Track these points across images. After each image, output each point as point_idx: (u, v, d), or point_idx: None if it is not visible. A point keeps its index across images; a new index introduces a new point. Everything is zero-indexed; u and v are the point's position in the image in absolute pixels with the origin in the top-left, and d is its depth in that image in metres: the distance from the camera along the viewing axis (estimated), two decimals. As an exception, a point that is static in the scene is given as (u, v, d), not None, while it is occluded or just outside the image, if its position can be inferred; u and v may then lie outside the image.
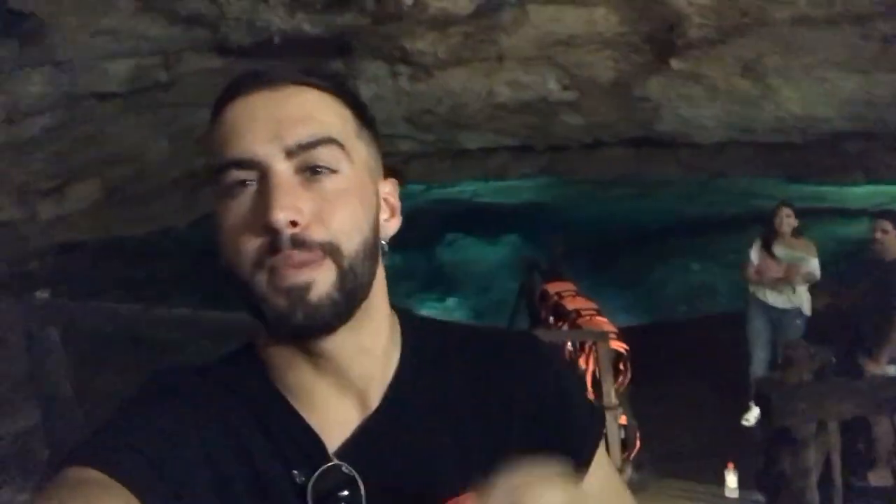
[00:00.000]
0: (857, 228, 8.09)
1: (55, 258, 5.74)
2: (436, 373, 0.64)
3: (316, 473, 0.55)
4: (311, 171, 0.55)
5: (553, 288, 5.57)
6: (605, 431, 0.76)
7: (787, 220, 3.98)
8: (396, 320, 0.66)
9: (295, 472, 0.55)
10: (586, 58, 5.13)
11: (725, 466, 4.05)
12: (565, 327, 4.98)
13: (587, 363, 4.49)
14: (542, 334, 5.94)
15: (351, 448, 0.57)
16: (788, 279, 3.92)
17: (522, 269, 6.62)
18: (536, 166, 7.57)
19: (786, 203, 4.27)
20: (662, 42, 5.01)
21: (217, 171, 0.56)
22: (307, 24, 4.47)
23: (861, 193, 7.30)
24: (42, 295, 2.85)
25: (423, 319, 0.69)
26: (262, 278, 0.54)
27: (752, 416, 4.69)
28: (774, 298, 3.92)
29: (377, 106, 6.92)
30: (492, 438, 0.61)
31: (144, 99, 4.59)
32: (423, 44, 5.35)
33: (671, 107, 5.81)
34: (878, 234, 3.59)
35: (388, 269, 0.67)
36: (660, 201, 8.50)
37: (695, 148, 6.71)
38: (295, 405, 0.58)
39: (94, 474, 0.48)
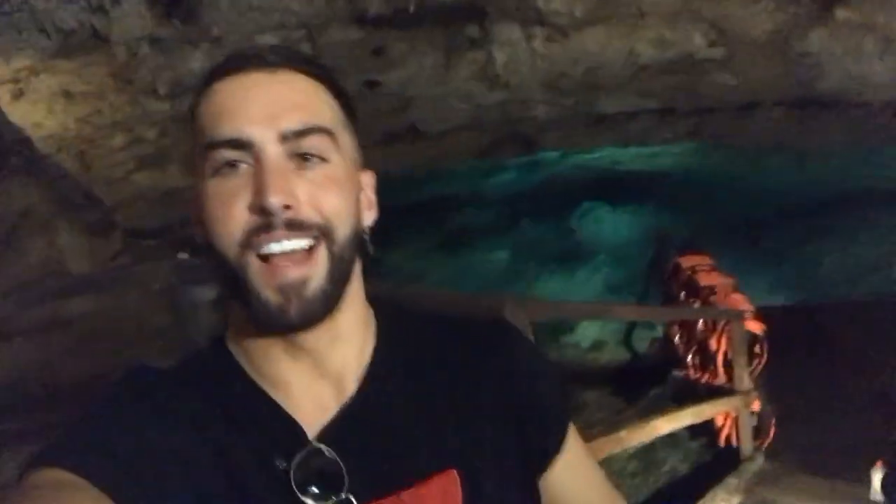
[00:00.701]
0: None
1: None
2: (409, 358, 0.65)
3: (297, 458, 0.55)
4: (301, 158, 0.55)
5: (687, 262, 5.29)
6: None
7: None
8: (370, 307, 0.67)
9: (277, 460, 0.55)
10: (737, 10, 4.75)
11: (872, 465, 3.67)
12: (697, 304, 4.73)
13: (718, 343, 4.25)
14: (670, 311, 5.69)
15: (330, 432, 0.58)
16: None
17: (657, 241, 6.34)
18: (681, 131, 7.17)
19: None
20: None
21: (207, 147, 0.55)
22: (441, -10, 4.48)
23: None
24: (183, 255, 3.17)
25: (397, 307, 0.70)
26: (251, 262, 0.54)
27: None
28: None
29: (511, 70, 6.85)
30: (464, 420, 0.62)
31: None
32: (558, 3, 5.21)
33: (837, 62, 5.25)
34: None
35: (511, 244, 0.67)
36: (820, 171, 7.73)
37: (865, 108, 6.04)
38: (271, 394, 0.59)
39: (64, 475, 0.47)
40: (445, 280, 8.72)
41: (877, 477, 3.60)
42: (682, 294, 5.01)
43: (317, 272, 0.55)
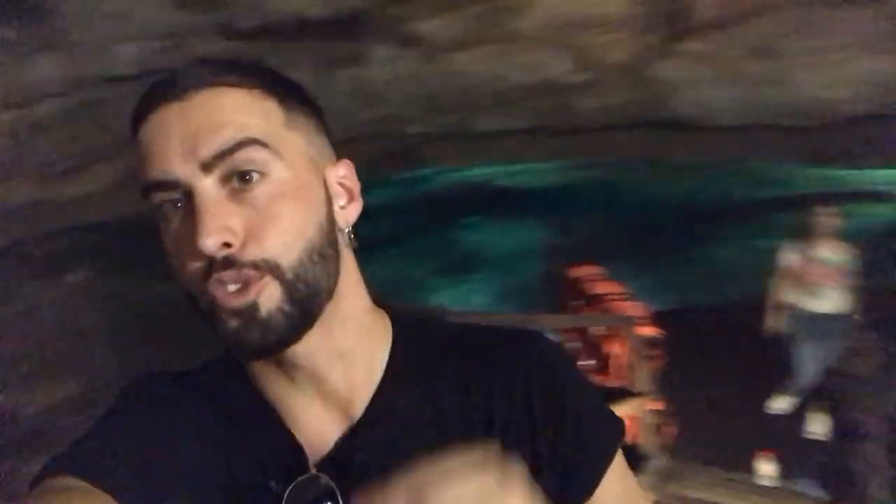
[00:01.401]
0: (883, 211, 7.92)
1: (80, 237, 5.86)
2: (424, 378, 0.60)
3: (293, 484, 0.54)
4: (237, 179, 0.52)
5: (577, 272, 5.52)
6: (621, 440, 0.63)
7: (830, 221, 3.58)
8: (383, 319, 0.63)
9: (272, 482, 0.54)
10: (599, 39, 5.07)
11: (761, 454, 4.00)
12: (589, 312, 4.93)
13: (616, 348, 4.45)
14: (563, 320, 5.93)
15: (331, 459, 0.56)
16: (833, 283, 3.54)
17: (545, 252, 6.58)
18: (550, 149, 7.52)
19: (825, 201, 3.86)
20: (676, 22, 4.92)
21: (144, 194, 0.54)
22: (316, 7, 4.45)
23: (881, 176, 7.13)
24: (76, 276, 2.94)
25: (418, 318, 0.65)
26: (208, 300, 0.52)
27: (781, 403, 4.56)
28: (818, 304, 3.56)
29: (389, 89, 6.91)
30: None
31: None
32: (433, 25, 5.32)
33: (687, 89, 5.72)
34: None
35: (401, 255, 0.63)
36: (682, 186, 8.38)
37: (713, 131, 6.61)
38: (279, 413, 0.57)
39: (73, 481, 0.48)
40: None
41: (764, 465, 3.92)
42: (575, 303, 5.21)
43: (265, 296, 0.51)
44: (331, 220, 0.57)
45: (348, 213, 0.60)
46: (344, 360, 0.57)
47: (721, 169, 7.78)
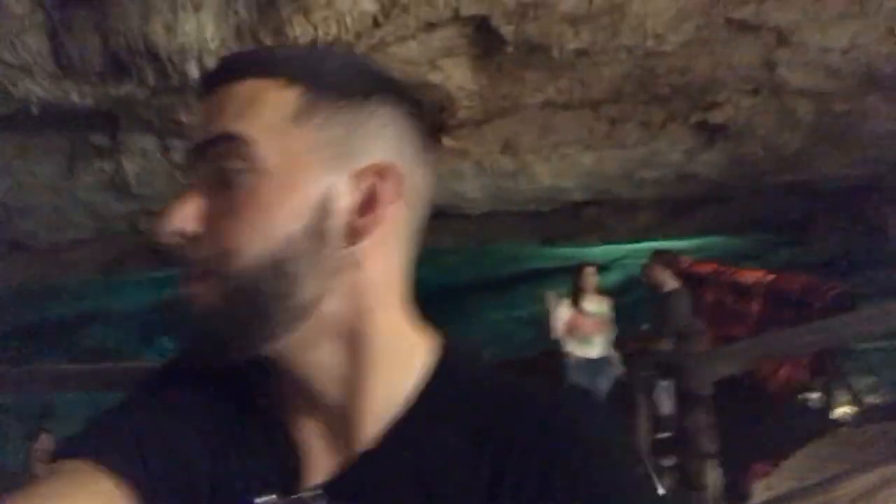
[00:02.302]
0: (609, 277, 9.43)
1: None
2: (445, 420, 0.53)
3: (277, 501, 0.51)
4: (215, 175, 0.48)
5: None
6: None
7: (592, 279, 4.17)
8: (417, 347, 0.55)
9: (257, 499, 0.51)
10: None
11: None
12: None
13: None
14: None
15: (329, 482, 0.52)
16: (600, 331, 4.08)
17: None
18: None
19: (588, 263, 4.50)
20: (433, 121, 5.53)
21: None
22: (76, 95, 4.17)
23: (597, 252, 8.55)
24: None
25: (461, 356, 0.57)
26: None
27: None
28: (589, 350, 4.07)
29: (144, 181, 6.55)
30: None
31: None
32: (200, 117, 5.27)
33: (442, 181, 6.36)
34: (652, 271, 4.08)
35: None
36: (439, 267, 9.11)
37: (465, 218, 7.36)
38: (286, 427, 0.54)
39: (80, 464, 0.48)
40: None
41: None
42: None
43: (201, 295, 0.47)
44: (318, 231, 0.49)
45: (366, 223, 0.50)
46: (345, 384, 0.52)
47: (475, 250, 8.64)
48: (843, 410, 3.85)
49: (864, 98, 5.23)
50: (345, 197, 0.49)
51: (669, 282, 3.87)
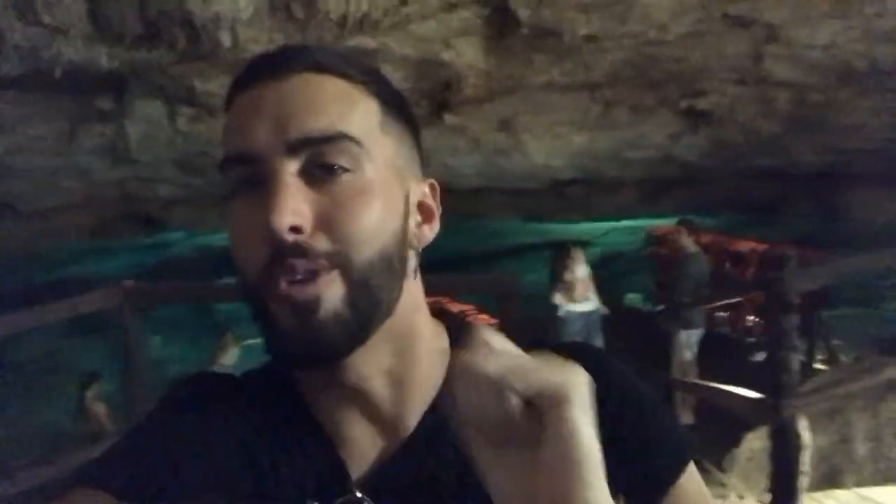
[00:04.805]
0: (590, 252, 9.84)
1: None
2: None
3: None
4: (320, 170, 0.49)
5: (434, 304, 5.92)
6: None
7: (578, 255, 4.80)
8: (442, 339, 0.59)
9: (310, 501, 0.53)
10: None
11: None
12: None
13: None
14: None
15: (375, 480, 0.54)
16: (588, 291, 4.71)
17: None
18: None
19: (572, 243, 5.11)
20: (439, 99, 5.75)
21: (221, 168, 0.51)
22: (105, 59, 4.26)
23: (580, 229, 8.92)
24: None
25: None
26: (268, 292, 0.49)
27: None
28: (584, 306, 4.68)
29: (145, 146, 6.60)
30: None
31: None
32: (214, 85, 5.37)
33: (439, 157, 6.58)
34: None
35: (157, 328, 0.63)
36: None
37: (451, 193, 7.60)
38: (325, 429, 0.55)
39: (98, 495, 0.48)
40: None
41: None
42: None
43: (329, 293, 0.48)
44: (405, 234, 0.53)
45: (423, 232, 0.55)
46: (395, 382, 0.55)
47: (460, 226, 8.92)
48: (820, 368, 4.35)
49: (839, 92, 5.65)
50: (413, 205, 0.54)
51: (691, 246, 4.43)
